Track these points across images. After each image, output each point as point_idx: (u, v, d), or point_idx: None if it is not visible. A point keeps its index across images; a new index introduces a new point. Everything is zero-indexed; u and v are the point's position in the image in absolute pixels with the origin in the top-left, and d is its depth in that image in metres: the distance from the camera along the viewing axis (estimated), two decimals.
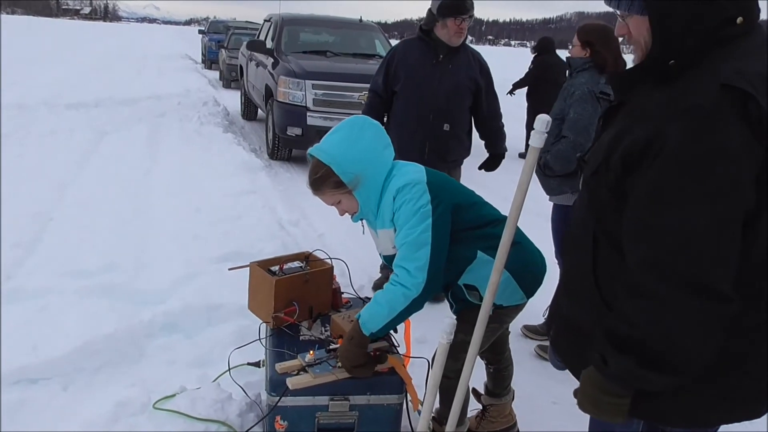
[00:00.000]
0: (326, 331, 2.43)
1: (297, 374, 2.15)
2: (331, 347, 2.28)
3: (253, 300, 2.53)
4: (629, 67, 1.44)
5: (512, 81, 9.47)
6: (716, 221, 1.15)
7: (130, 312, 3.26)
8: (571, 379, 1.52)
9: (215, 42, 19.10)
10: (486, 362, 2.59)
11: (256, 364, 2.70)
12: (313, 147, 2.11)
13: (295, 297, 2.41)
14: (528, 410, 2.76)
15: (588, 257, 1.41)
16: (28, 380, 2.71)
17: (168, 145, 7.76)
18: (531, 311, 2.59)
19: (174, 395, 2.51)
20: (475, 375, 2.00)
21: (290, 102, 7.25)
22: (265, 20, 10.18)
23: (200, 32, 23.24)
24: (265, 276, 2.40)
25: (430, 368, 2.05)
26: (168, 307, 3.33)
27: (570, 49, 3.29)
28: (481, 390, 2.65)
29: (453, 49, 3.64)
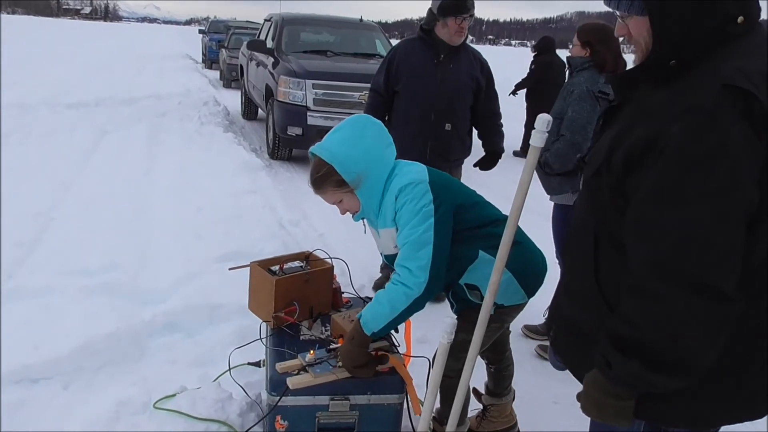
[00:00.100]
0: (326, 331, 2.43)
1: (297, 374, 2.15)
2: (332, 347, 2.28)
3: (254, 300, 2.53)
4: (630, 68, 1.44)
5: (513, 80, 9.48)
6: (718, 220, 1.15)
7: (131, 311, 3.26)
8: (572, 379, 1.52)
9: (216, 42, 19.10)
10: (487, 362, 2.59)
11: (257, 364, 2.70)
12: (315, 145, 2.11)
13: (296, 297, 2.41)
14: (529, 410, 2.76)
15: (589, 258, 1.41)
16: (29, 379, 2.72)
17: (168, 145, 7.76)
18: (531, 311, 2.59)
19: (175, 395, 2.52)
20: (476, 375, 2.00)
21: (291, 102, 7.25)
22: (266, 20, 10.18)
23: (200, 32, 23.25)
24: (266, 276, 2.40)
25: (431, 368, 2.05)
26: (169, 307, 3.33)
27: (570, 49, 3.29)
28: (482, 390, 2.65)
29: (454, 49, 3.64)
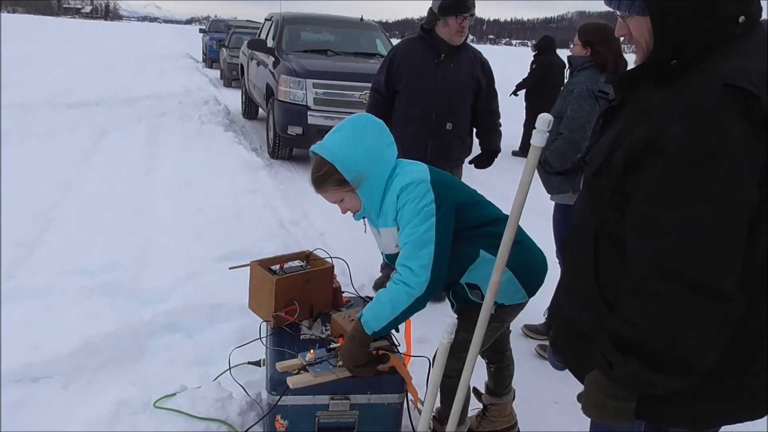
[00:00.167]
0: (327, 330, 2.43)
1: (297, 373, 2.15)
2: (332, 346, 2.28)
3: (254, 299, 2.53)
4: (631, 68, 1.44)
5: (514, 80, 9.48)
6: (718, 220, 1.15)
7: (131, 311, 3.26)
8: (572, 379, 1.52)
9: (216, 41, 19.10)
10: (487, 361, 2.59)
11: (257, 363, 2.70)
12: (316, 144, 2.10)
13: (296, 296, 2.41)
14: (529, 410, 2.76)
15: (589, 258, 1.41)
16: (29, 379, 2.72)
17: (169, 145, 7.76)
18: (532, 311, 2.59)
19: (175, 394, 2.52)
20: (476, 374, 2.00)
21: (291, 101, 7.25)
22: (266, 19, 10.18)
23: (201, 31, 23.26)
24: (266, 275, 2.40)
25: (431, 368, 2.05)
26: (169, 306, 3.33)
27: (571, 49, 3.29)
28: (482, 389, 2.65)
29: (454, 48, 3.64)
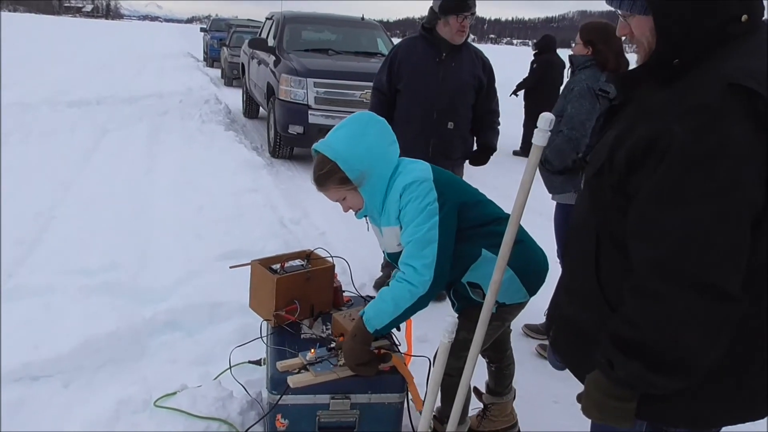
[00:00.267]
0: (327, 330, 2.43)
1: (298, 372, 2.15)
2: (332, 345, 2.28)
3: (255, 298, 2.52)
4: (633, 67, 1.44)
5: (514, 80, 9.45)
6: (720, 220, 1.14)
7: (132, 310, 3.26)
8: (572, 379, 1.52)
9: (217, 40, 19.10)
10: (488, 361, 2.59)
11: (258, 363, 2.70)
12: (319, 142, 2.10)
13: (297, 295, 2.41)
14: (529, 409, 2.76)
15: (590, 257, 1.40)
16: (30, 378, 2.72)
17: (170, 144, 7.75)
18: (532, 310, 2.58)
19: (175, 393, 2.52)
20: (477, 374, 2.00)
21: (292, 100, 7.25)
22: (267, 18, 10.17)
23: (202, 30, 23.28)
24: (267, 274, 2.40)
25: (432, 367, 2.05)
26: (169, 305, 3.33)
27: (572, 48, 3.29)
28: (483, 389, 2.65)
29: (455, 47, 3.63)
